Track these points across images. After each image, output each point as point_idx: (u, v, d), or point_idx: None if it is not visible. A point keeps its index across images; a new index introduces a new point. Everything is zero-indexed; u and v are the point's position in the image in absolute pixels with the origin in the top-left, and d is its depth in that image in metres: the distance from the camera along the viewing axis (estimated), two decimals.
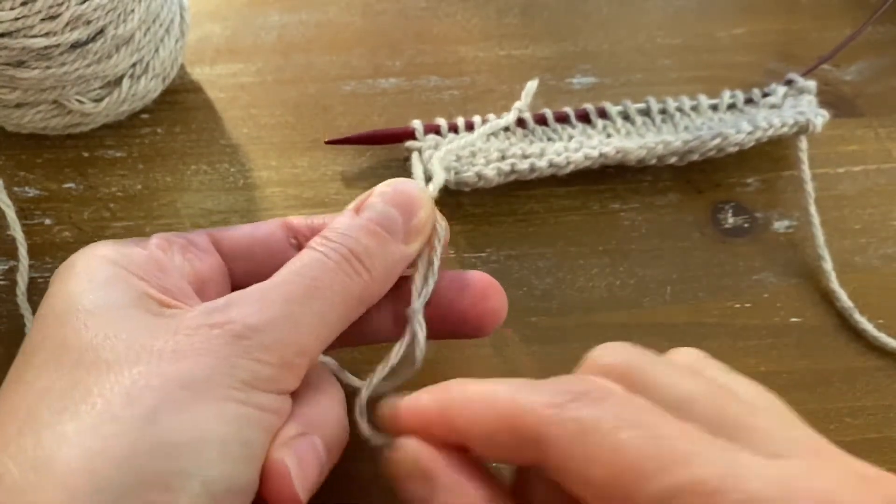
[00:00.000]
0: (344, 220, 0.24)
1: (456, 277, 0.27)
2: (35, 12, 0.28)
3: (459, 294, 0.26)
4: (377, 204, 0.25)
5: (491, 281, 0.27)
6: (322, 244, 0.24)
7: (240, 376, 0.21)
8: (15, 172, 0.33)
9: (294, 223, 0.27)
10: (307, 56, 0.37)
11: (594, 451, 0.18)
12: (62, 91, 0.31)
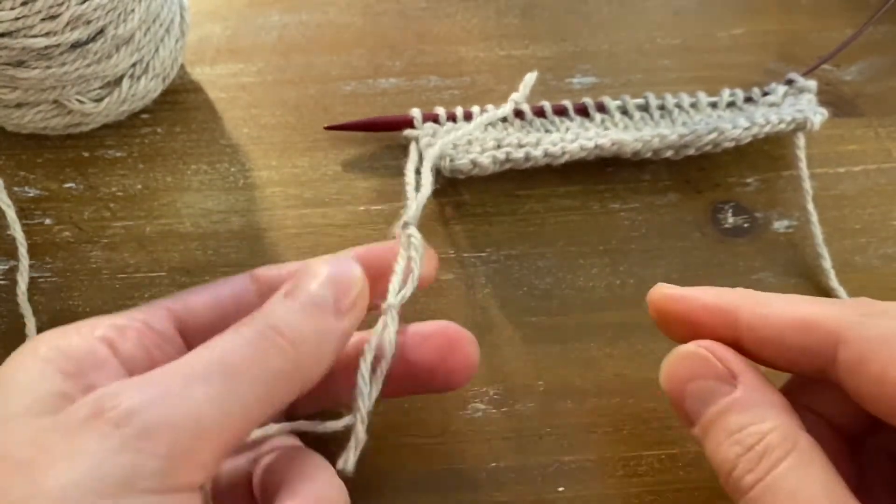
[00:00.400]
0: (269, 302, 0.23)
1: (424, 331, 0.26)
2: (35, 12, 0.28)
3: (428, 348, 0.26)
4: (307, 283, 0.23)
5: (461, 332, 0.26)
6: (241, 322, 0.22)
7: (113, 477, 0.18)
8: (15, 172, 0.33)
9: (262, 275, 0.26)
10: (307, 56, 0.37)
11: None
12: (62, 91, 0.31)
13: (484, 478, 0.28)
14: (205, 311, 0.25)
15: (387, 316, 0.25)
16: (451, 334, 0.26)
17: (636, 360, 0.30)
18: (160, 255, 0.32)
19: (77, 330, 0.22)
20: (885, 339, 0.20)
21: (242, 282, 0.26)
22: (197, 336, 0.24)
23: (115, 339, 0.22)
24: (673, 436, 0.29)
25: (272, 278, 0.26)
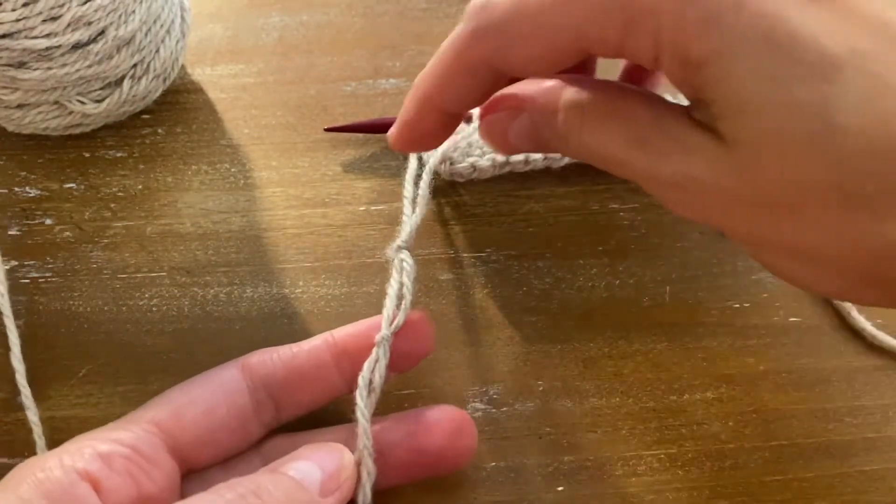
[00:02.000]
0: (256, 473, 0.23)
1: (432, 418, 0.26)
2: (36, 13, 0.28)
3: (439, 434, 0.26)
4: (294, 460, 0.23)
5: (465, 415, 0.27)
6: (221, 486, 0.22)
7: None
8: (16, 173, 0.33)
9: (252, 366, 0.26)
10: (308, 57, 0.37)
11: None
12: (63, 92, 0.31)
13: (484, 478, 0.28)
14: (198, 425, 0.24)
15: (380, 348, 0.25)
16: (457, 419, 0.27)
17: (636, 360, 0.30)
18: (161, 255, 0.32)
19: (61, 461, 0.22)
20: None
21: (232, 378, 0.26)
22: (190, 449, 0.24)
23: (99, 475, 0.22)
24: (672, 435, 0.29)
25: (260, 368, 0.26)
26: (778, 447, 0.29)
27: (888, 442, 0.29)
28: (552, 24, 0.21)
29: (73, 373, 0.30)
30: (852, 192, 0.19)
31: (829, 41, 0.19)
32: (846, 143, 0.19)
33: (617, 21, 0.20)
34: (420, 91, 0.25)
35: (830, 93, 0.19)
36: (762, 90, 0.19)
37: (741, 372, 0.30)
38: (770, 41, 0.19)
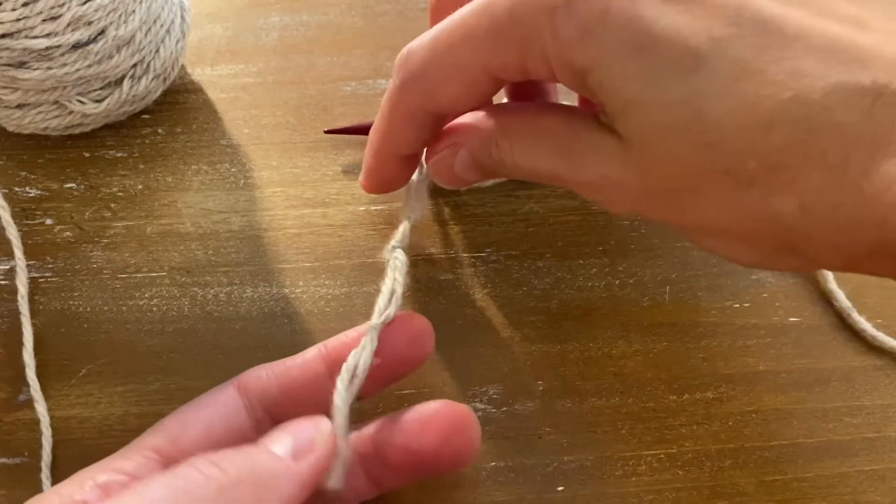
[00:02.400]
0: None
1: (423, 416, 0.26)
2: (36, 13, 0.28)
3: (430, 434, 0.25)
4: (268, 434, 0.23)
5: (461, 409, 0.26)
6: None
7: None
8: (16, 173, 0.33)
9: (248, 385, 0.25)
10: (308, 57, 0.37)
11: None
12: (63, 92, 0.31)
13: (484, 478, 0.28)
14: (197, 447, 0.24)
15: (367, 336, 0.25)
16: (452, 414, 0.25)
17: (636, 360, 0.30)
18: (161, 255, 0.32)
19: (59, 495, 0.22)
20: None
21: (229, 398, 0.25)
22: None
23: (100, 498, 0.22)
24: (672, 435, 0.29)
25: (257, 386, 0.25)
26: (778, 447, 0.29)
27: (888, 442, 0.29)
28: (462, 63, 0.24)
29: (73, 373, 0.30)
30: (736, 172, 0.20)
31: (688, 34, 0.20)
32: (720, 129, 0.20)
33: (512, 48, 0.23)
34: (374, 143, 0.28)
35: (697, 82, 0.20)
36: (638, 90, 0.21)
37: (741, 372, 0.30)
38: (637, 44, 0.21)
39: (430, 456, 0.25)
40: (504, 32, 0.23)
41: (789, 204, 0.20)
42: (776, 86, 0.19)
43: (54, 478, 0.28)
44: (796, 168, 0.20)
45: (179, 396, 0.29)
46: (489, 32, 0.23)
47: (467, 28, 0.23)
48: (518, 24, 0.22)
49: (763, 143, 0.20)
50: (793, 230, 0.21)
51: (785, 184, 0.20)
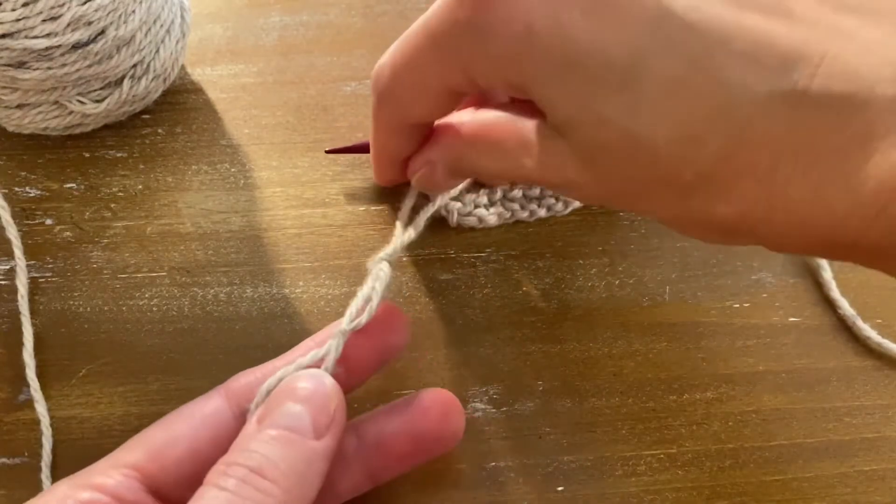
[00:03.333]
0: (245, 435, 0.22)
1: (423, 403, 0.26)
2: (36, 13, 0.28)
3: (433, 417, 0.26)
4: (281, 405, 0.22)
5: (449, 396, 0.27)
6: (218, 473, 0.21)
7: None
8: (16, 173, 0.33)
9: (236, 390, 0.25)
10: (308, 57, 0.37)
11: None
12: (63, 92, 0.31)
13: (484, 478, 0.28)
14: (181, 465, 0.23)
15: (334, 340, 0.25)
16: (443, 398, 0.27)
17: (635, 360, 0.30)
18: (161, 255, 0.32)
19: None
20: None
21: (216, 408, 0.25)
22: (173, 489, 0.23)
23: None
24: (671, 435, 0.29)
25: (246, 391, 0.25)
26: (777, 447, 0.29)
27: (887, 442, 0.29)
28: (421, 83, 0.25)
29: (73, 373, 0.30)
30: (675, 183, 0.21)
31: (612, 50, 0.20)
32: (653, 145, 0.20)
33: (457, 68, 0.23)
34: (373, 149, 0.29)
35: (626, 101, 0.20)
36: (572, 108, 0.21)
37: (741, 372, 0.30)
38: (565, 61, 0.21)
39: (431, 438, 0.26)
40: (446, 54, 0.23)
41: (729, 210, 0.20)
42: (701, 99, 0.19)
43: (54, 478, 0.28)
44: (729, 180, 0.20)
45: (179, 396, 0.29)
46: (434, 54, 0.23)
47: (418, 49, 0.24)
48: (454, 48, 0.23)
49: (695, 155, 0.20)
50: (738, 230, 0.21)
51: (721, 193, 0.20)
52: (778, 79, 0.19)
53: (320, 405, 0.22)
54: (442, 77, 0.24)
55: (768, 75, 0.19)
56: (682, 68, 0.19)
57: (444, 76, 0.24)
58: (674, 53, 0.19)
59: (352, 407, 0.28)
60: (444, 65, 0.24)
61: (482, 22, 0.21)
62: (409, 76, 0.25)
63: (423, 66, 0.24)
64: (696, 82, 0.19)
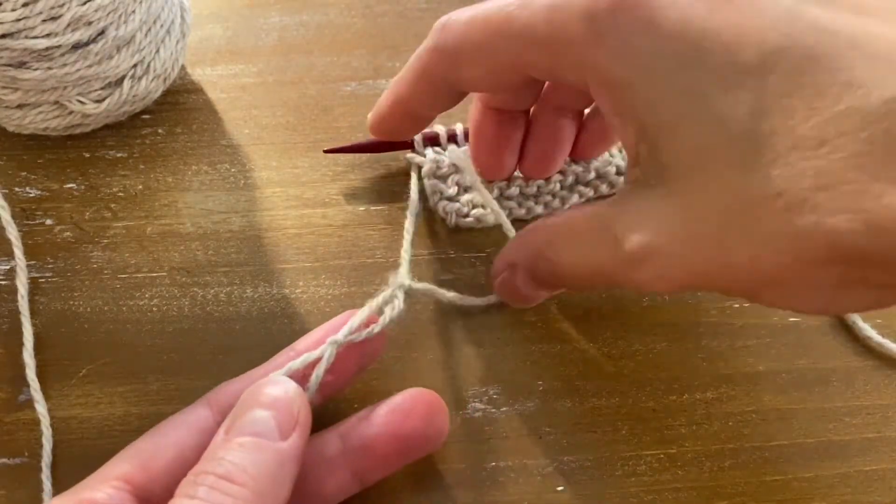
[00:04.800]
0: (214, 445, 0.22)
1: (406, 404, 0.26)
2: (36, 13, 0.28)
3: (416, 417, 0.26)
4: (246, 413, 0.23)
5: (432, 395, 0.27)
6: (188, 484, 0.21)
7: None
8: (16, 173, 0.33)
9: (219, 400, 0.25)
10: (308, 57, 0.37)
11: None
12: (63, 92, 0.31)
13: (484, 478, 0.28)
14: (169, 473, 0.23)
15: (327, 349, 0.25)
16: (429, 399, 0.27)
17: (636, 360, 0.30)
18: (161, 256, 0.32)
19: None
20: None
21: (201, 416, 0.25)
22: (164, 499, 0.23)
23: None
24: (672, 435, 0.29)
25: (230, 400, 0.25)
26: (777, 447, 0.29)
27: (888, 442, 0.29)
28: (494, 50, 0.24)
29: (73, 373, 0.30)
30: (791, 191, 0.19)
31: (738, 47, 0.19)
32: (771, 147, 0.19)
33: (545, 50, 0.22)
34: (393, 92, 0.28)
35: (747, 99, 0.19)
36: (682, 106, 0.20)
37: (741, 372, 0.30)
38: (684, 59, 0.19)
39: (417, 439, 0.26)
40: (539, 33, 0.22)
41: (853, 222, 0.18)
42: (830, 98, 0.18)
43: (54, 478, 0.28)
44: (858, 183, 0.18)
45: (179, 396, 0.29)
46: (525, 29, 0.22)
47: (507, 17, 0.23)
48: (554, 28, 0.22)
49: (818, 159, 0.18)
50: (858, 254, 0.18)
51: (847, 202, 0.18)
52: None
53: (284, 408, 0.23)
54: (522, 56, 0.23)
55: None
56: (811, 67, 0.18)
57: (525, 55, 0.23)
58: (802, 51, 0.19)
59: (352, 407, 0.28)
60: (532, 45, 0.23)
61: (599, 6, 0.21)
62: (485, 40, 0.24)
63: (507, 37, 0.23)
64: (828, 81, 0.18)
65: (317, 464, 0.25)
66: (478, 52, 0.24)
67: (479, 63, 0.25)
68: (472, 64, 0.25)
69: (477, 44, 0.24)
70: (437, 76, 0.26)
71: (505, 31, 0.23)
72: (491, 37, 0.24)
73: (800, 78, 0.19)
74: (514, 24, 0.23)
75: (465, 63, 0.25)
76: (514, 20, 0.23)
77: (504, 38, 0.23)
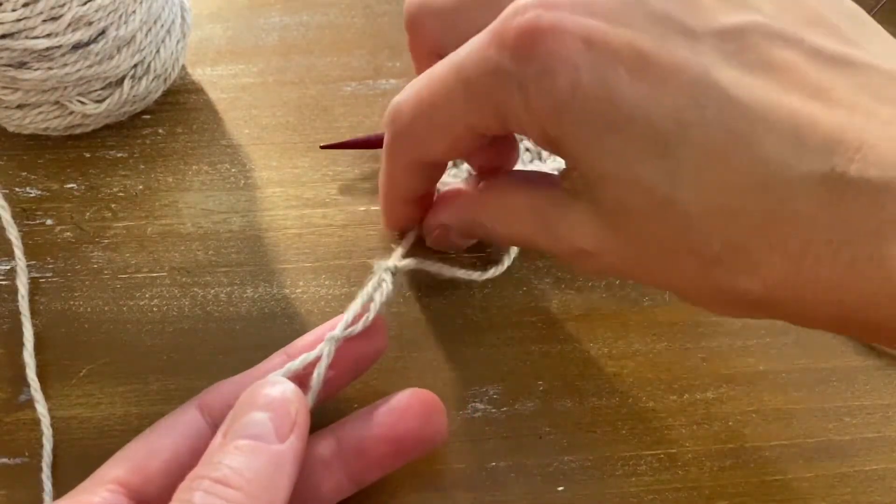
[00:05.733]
0: (211, 449, 0.22)
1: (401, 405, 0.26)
2: (37, 13, 0.28)
3: (412, 417, 0.26)
4: (243, 416, 0.23)
5: (428, 395, 0.27)
6: (184, 489, 0.21)
7: None
8: (17, 173, 0.33)
9: (210, 403, 0.25)
10: (308, 57, 0.37)
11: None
12: (64, 92, 0.31)
13: (484, 478, 0.28)
14: (163, 475, 0.24)
15: (325, 346, 0.25)
16: (424, 399, 0.26)
17: (636, 360, 0.30)
18: (161, 256, 0.32)
19: None
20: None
21: (191, 419, 0.25)
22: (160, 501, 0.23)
23: None
24: (672, 435, 0.29)
25: (220, 402, 0.25)
26: (778, 447, 0.29)
27: (888, 442, 0.29)
28: (445, 123, 0.24)
29: (73, 373, 0.30)
30: (703, 252, 0.21)
31: (657, 117, 0.20)
32: (686, 213, 0.20)
33: (489, 114, 0.23)
34: (382, 188, 0.29)
35: (666, 168, 0.20)
36: (610, 167, 0.21)
37: (741, 372, 0.30)
38: (608, 122, 0.21)
39: (412, 440, 0.26)
40: (479, 99, 0.23)
41: (754, 284, 0.20)
42: (740, 174, 0.20)
43: (55, 478, 0.28)
44: (759, 253, 0.20)
45: (179, 396, 0.29)
46: (466, 97, 0.23)
47: (447, 90, 0.24)
48: (489, 94, 0.22)
49: (727, 227, 0.20)
50: (757, 305, 0.21)
51: (749, 266, 0.20)
52: (817, 161, 0.19)
53: (281, 410, 0.23)
54: (471, 121, 0.24)
55: (808, 156, 0.19)
56: (722, 141, 0.20)
57: (472, 119, 0.24)
58: (716, 125, 0.20)
59: (351, 406, 0.28)
60: (475, 109, 0.23)
61: (524, 73, 0.21)
62: (435, 116, 0.24)
63: (451, 107, 0.24)
64: (737, 156, 0.20)
65: (312, 464, 0.25)
66: (432, 129, 0.25)
67: (437, 137, 0.25)
68: (432, 141, 0.25)
69: (428, 122, 0.25)
70: (412, 161, 0.27)
71: (450, 103, 0.24)
72: (439, 111, 0.24)
73: (712, 151, 0.20)
74: (456, 96, 0.23)
75: (425, 142, 0.26)
76: (454, 91, 0.23)
77: (451, 108, 0.24)
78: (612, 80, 0.20)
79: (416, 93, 0.25)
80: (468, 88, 0.23)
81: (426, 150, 0.26)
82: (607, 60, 0.20)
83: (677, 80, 0.20)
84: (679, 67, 0.20)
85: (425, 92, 0.24)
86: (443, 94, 0.24)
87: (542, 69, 0.21)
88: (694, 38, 0.20)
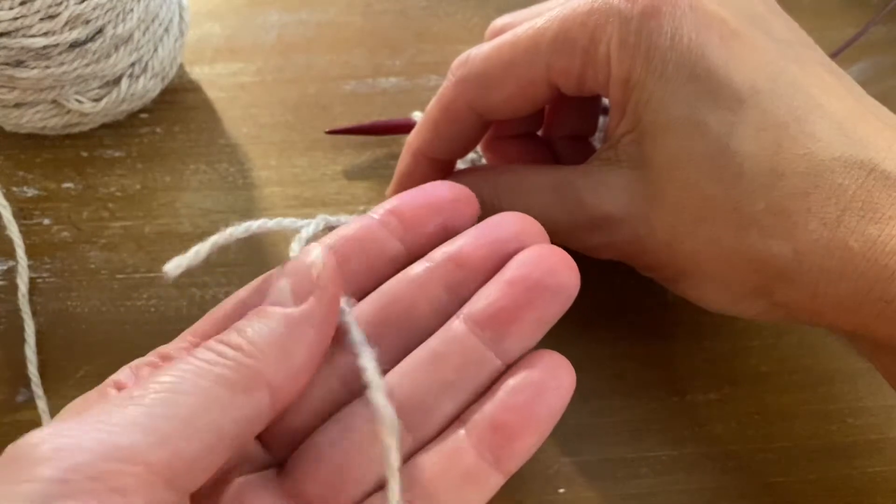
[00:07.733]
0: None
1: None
2: (34, 12, 0.28)
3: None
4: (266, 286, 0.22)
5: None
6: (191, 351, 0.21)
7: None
8: (14, 172, 0.33)
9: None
10: (307, 56, 0.37)
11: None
12: (61, 91, 0.31)
13: None
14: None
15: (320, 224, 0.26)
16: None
17: (636, 360, 0.30)
18: (159, 255, 0.32)
19: (99, 386, 0.22)
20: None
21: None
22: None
23: (127, 382, 0.21)
24: (674, 437, 0.29)
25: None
26: (781, 448, 0.29)
27: (891, 443, 0.29)
28: (524, 62, 0.26)
29: (71, 373, 0.29)
30: (745, 209, 0.23)
31: (737, 77, 0.23)
32: (741, 167, 0.23)
33: (577, 51, 0.25)
34: (413, 145, 0.29)
35: (732, 121, 0.23)
36: (679, 111, 0.23)
37: (744, 373, 0.30)
38: (693, 72, 0.23)
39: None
40: (573, 34, 0.25)
41: (785, 248, 0.22)
42: (794, 141, 0.22)
43: None
44: (798, 215, 0.22)
45: None
46: (558, 34, 0.25)
47: (536, 31, 0.25)
48: (589, 28, 0.24)
49: (773, 188, 0.22)
50: (780, 274, 0.23)
51: (785, 229, 0.22)
52: (857, 149, 0.22)
53: (302, 273, 0.22)
54: (554, 62, 0.25)
55: (850, 144, 0.22)
56: (784, 113, 0.23)
57: (557, 61, 0.25)
58: (783, 99, 0.23)
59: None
60: (565, 47, 0.25)
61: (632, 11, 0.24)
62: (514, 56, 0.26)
63: (538, 47, 0.25)
64: (794, 128, 0.23)
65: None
66: (508, 68, 0.26)
67: (510, 79, 0.26)
68: (503, 82, 0.26)
69: (506, 60, 0.26)
70: (462, 109, 0.27)
71: (536, 42, 0.25)
72: (521, 51, 0.26)
73: (774, 118, 0.23)
74: (547, 34, 0.25)
75: (494, 83, 0.26)
76: (545, 30, 0.25)
77: (536, 48, 0.25)
78: (705, 40, 0.23)
79: (496, 41, 0.26)
80: (562, 25, 0.25)
81: (490, 95, 0.27)
82: (706, 24, 0.23)
83: (759, 56, 0.23)
84: (762, 48, 0.23)
85: (509, 37, 0.26)
86: (530, 34, 0.25)
87: (651, 12, 0.24)
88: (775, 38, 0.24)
